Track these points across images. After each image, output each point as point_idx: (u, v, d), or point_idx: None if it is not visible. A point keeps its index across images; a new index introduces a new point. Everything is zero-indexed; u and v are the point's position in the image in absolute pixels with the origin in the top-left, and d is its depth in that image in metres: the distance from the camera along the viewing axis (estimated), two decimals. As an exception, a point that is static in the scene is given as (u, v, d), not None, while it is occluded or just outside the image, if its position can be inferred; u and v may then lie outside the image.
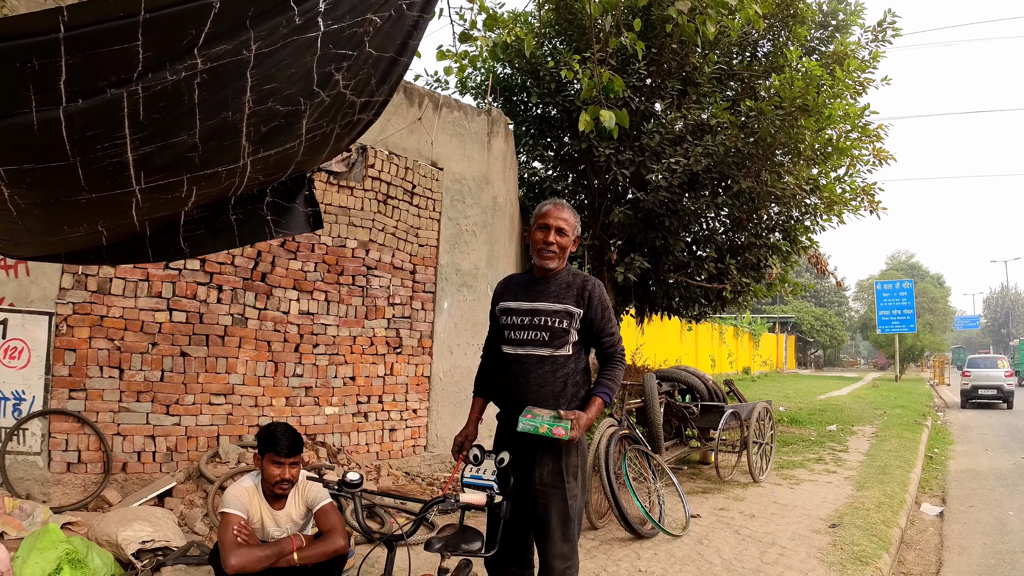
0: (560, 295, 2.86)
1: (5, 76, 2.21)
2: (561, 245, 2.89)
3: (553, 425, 2.66)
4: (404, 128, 6.47)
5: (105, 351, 4.88)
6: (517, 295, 2.94)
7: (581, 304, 2.84)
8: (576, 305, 2.84)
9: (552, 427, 2.65)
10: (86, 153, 2.55)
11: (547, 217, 2.90)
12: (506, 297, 2.98)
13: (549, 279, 2.92)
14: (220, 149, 2.89)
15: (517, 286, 3.00)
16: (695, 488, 6.68)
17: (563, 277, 2.92)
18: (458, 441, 3.05)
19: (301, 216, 3.77)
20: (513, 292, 2.97)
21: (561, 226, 2.88)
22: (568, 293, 2.86)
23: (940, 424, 15.01)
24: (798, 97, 7.82)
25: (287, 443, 2.96)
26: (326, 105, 3.09)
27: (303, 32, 2.70)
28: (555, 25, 9.78)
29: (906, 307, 30.30)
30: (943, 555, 5.38)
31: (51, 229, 3.21)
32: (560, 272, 2.93)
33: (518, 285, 3.00)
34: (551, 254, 2.88)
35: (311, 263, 5.91)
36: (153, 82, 2.42)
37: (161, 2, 2.28)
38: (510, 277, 3.14)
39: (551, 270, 2.92)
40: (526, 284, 2.97)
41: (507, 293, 3.00)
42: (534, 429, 2.65)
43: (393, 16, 3.03)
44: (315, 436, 5.82)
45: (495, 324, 3.04)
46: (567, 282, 2.90)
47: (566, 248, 2.92)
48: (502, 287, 3.07)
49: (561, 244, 2.89)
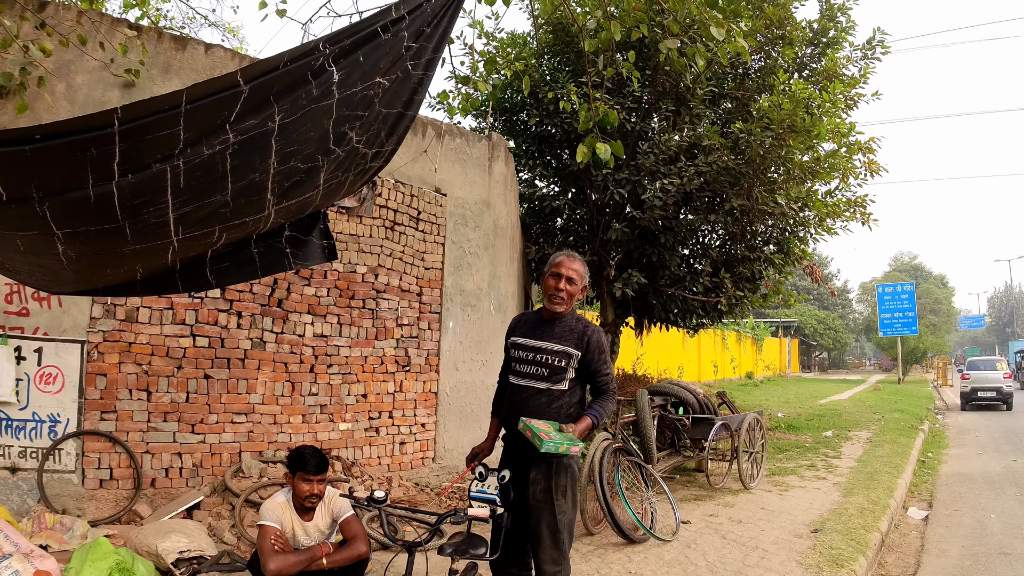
0: (563, 337, 3.25)
1: (68, 162, 2.60)
2: (569, 292, 3.27)
3: (571, 444, 3.03)
4: (410, 160, 6.86)
5: (134, 375, 5.24)
6: (526, 333, 3.33)
7: (580, 347, 3.23)
8: (575, 348, 3.23)
9: (570, 446, 3.02)
10: (134, 216, 2.90)
11: (560, 267, 3.29)
12: (517, 333, 3.37)
13: (556, 322, 3.30)
14: (248, 203, 3.24)
15: (528, 324, 3.39)
16: (688, 496, 6.98)
17: (568, 321, 3.30)
18: (473, 451, 3.49)
19: (317, 248, 4.11)
20: (523, 329, 3.37)
21: (572, 276, 3.27)
22: (570, 336, 3.25)
23: (938, 427, 15.18)
24: (786, 118, 8.09)
25: (315, 463, 3.41)
26: (341, 159, 3.45)
27: (320, 100, 3.08)
28: (553, 46, 10.07)
29: (907, 310, 30.46)
30: (922, 557, 5.65)
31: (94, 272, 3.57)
32: (566, 316, 3.31)
33: (528, 323, 3.39)
34: (560, 300, 3.27)
35: (324, 288, 6.29)
36: (192, 156, 2.80)
37: (200, 93, 2.68)
38: (522, 315, 3.54)
39: (559, 314, 3.29)
40: (535, 323, 3.36)
41: (519, 329, 3.39)
42: (556, 449, 3.00)
43: (400, 76, 3.40)
44: (330, 451, 6.19)
45: (507, 355, 3.42)
46: (571, 326, 3.28)
47: (574, 295, 3.30)
48: (515, 323, 3.47)
49: (570, 291, 3.27)
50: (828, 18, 10.21)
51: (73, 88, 5.05)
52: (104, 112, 2.53)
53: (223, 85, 2.72)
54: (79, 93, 5.06)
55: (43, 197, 2.62)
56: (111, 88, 5.16)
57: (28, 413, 4.90)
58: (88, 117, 2.56)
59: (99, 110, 4.55)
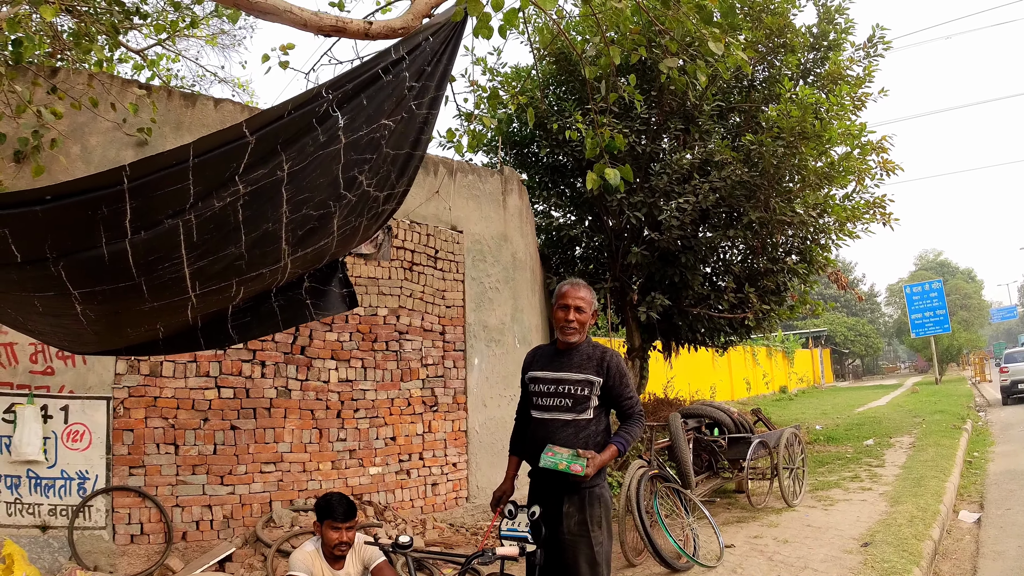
0: (582, 366, 3.20)
1: (80, 221, 2.61)
2: (580, 321, 3.24)
3: (571, 462, 2.97)
4: (424, 200, 6.88)
5: (160, 429, 5.25)
6: (544, 365, 3.29)
7: (601, 373, 3.19)
8: (596, 374, 3.18)
9: (570, 464, 2.96)
10: (149, 273, 2.90)
11: (566, 298, 3.26)
12: (534, 367, 3.33)
13: (572, 351, 3.26)
14: (264, 254, 3.23)
15: (544, 357, 3.35)
16: (730, 518, 6.80)
17: (584, 349, 3.26)
18: (496, 495, 3.41)
19: (337, 297, 4.10)
20: (540, 363, 3.33)
21: (580, 305, 3.24)
22: (589, 364, 3.21)
23: (981, 425, 14.72)
24: (796, 126, 8.05)
25: (343, 510, 3.33)
26: (353, 203, 3.44)
27: (328, 146, 3.09)
28: (557, 76, 10.17)
29: (938, 308, 29.69)
30: (978, 562, 5.45)
31: (115, 332, 3.57)
32: (581, 345, 3.27)
33: (545, 356, 3.35)
34: (572, 330, 3.24)
35: (346, 333, 6.29)
36: (203, 210, 2.80)
37: (207, 146, 2.69)
38: (537, 348, 3.49)
39: (573, 344, 3.26)
40: (552, 355, 3.32)
41: (535, 363, 3.35)
42: (554, 465, 2.96)
43: (405, 117, 3.41)
44: (361, 496, 6.12)
45: (525, 391, 3.37)
46: (588, 354, 3.24)
47: (585, 323, 3.27)
48: (530, 358, 3.43)
49: (580, 320, 3.24)
50: (827, 21, 10.13)
51: (88, 149, 5.15)
52: (113, 170, 2.55)
53: (229, 137, 2.74)
54: (94, 154, 5.16)
55: (57, 257, 2.64)
56: (125, 147, 5.26)
57: (57, 471, 4.94)
58: (97, 176, 2.58)
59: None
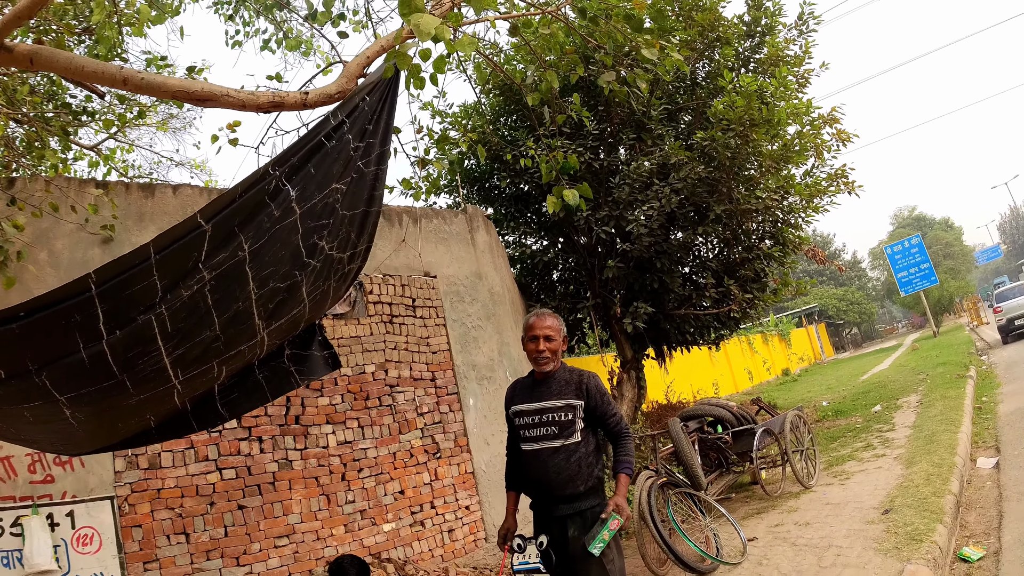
0: (562, 392, 3.26)
1: (56, 331, 2.69)
2: (552, 349, 3.30)
3: (607, 528, 3.02)
4: (392, 251, 6.95)
5: (168, 520, 5.21)
6: (525, 398, 3.35)
7: (581, 396, 3.24)
8: (576, 398, 3.24)
9: (609, 530, 3.02)
10: (131, 368, 2.96)
11: (533, 329, 3.33)
12: (516, 401, 3.38)
13: (549, 379, 3.32)
14: (239, 332, 3.29)
15: (524, 390, 3.40)
16: (750, 511, 6.78)
17: (561, 376, 3.32)
18: (501, 533, 3.45)
19: (320, 360, 4.16)
20: (521, 396, 3.38)
21: (548, 334, 3.30)
22: (568, 389, 3.26)
23: (985, 369, 14.78)
24: (743, 114, 8.20)
25: (355, 572, 3.33)
26: (319, 268, 3.51)
27: (284, 219, 3.17)
28: (506, 106, 10.32)
29: (922, 262, 29.87)
30: (1003, 507, 5.44)
31: (107, 428, 3.59)
32: (557, 372, 3.33)
33: (524, 388, 3.41)
34: (545, 359, 3.30)
35: (338, 396, 6.29)
36: (173, 301, 2.87)
37: (166, 241, 2.78)
38: (516, 382, 3.54)
39: (549, 372, 3.32)
40: (530, 387, 3.38)
41: (516, 397, 3.40)
42: (605, 542, 3.01)
43: (355, 177, 3.50)
44: (379, 554, 6.07)
45: (511, 425, 3.42)
46: (565, 379, 3.30)
47: (556, 350, 3.33)
48: (511, 392, 3.47)
49: (551, 348, 3.30)
50: (756, 8, 10.31)
51: (55, 253, 5.18)
52: (79, 280, 2.63)
53: (186, 229, 2.82)
54: (62, 257, 5.19)
55: (40, 368, 2.71)
56: (91, 246, 5.30)
57: (72, 577, 4.88)
58: (65, 287, 2.66)
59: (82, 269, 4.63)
